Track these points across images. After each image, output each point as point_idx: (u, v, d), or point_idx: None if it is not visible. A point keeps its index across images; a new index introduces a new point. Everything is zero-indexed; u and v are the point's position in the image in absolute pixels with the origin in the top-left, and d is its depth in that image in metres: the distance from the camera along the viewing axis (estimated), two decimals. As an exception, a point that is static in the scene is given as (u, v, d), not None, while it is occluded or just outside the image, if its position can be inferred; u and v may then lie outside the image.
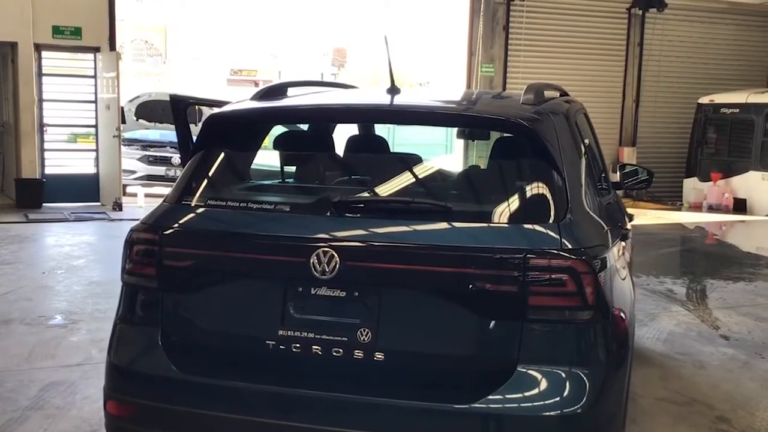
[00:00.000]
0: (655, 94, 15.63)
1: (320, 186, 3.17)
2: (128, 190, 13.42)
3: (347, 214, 2.70)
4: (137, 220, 2.97)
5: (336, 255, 2.53)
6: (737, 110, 14.51)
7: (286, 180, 3.45)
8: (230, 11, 29.35)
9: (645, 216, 12.57)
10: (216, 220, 2.79)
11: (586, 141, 3.51)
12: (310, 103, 3.25)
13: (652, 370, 5.19)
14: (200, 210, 2.83)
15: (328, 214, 2.70)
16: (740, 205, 14.32)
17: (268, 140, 3.45)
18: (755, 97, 14.28)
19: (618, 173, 4.72)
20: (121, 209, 11.99)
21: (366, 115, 3.17)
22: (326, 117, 3.26)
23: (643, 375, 4.90)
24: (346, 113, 3.17)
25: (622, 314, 2.73)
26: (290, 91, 3.35)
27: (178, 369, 2.64)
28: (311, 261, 2.54)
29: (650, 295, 7.32)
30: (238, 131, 3.10)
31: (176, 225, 2.79)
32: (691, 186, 15.15)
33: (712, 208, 14.48)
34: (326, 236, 2.58)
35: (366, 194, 2.91)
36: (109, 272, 7.71)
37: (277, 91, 3.27)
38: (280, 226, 2.69)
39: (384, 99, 3.02)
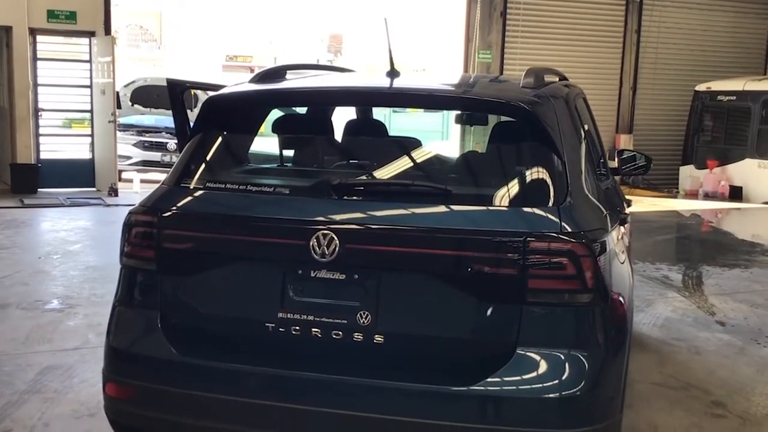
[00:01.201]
0: (653, 82, 15.61)
1: (319, 169, 3.16)
2: (124, 176, 13.37)
3: (347, 197, 2.70)
4: (133, 205, 2.96)
5: (336, 238, 2.52)
6: (734, 98, 14.52)
7: (285, 164, 3.44)
8: (226, -3, 29.19)
9: (641, 203, 12.58)
10: (215, 202, 2.78)
11: (586, 126, 3.51)
12: (309, 86, 3.23)
13: (648, 356, 5.21)
14: (199, 192, 2.82)
15: (328, 197, 2.69)
16: (736, 193, 14.35)
17: (266, 127, 3.44)
18: (752, 85, 14.28)
19: (616, 159, 4.73)
20: (116, 195, 11.96)
21: (366, 98, 3.16)
22: (326, 99, 3.25)
23: (639, 360, 4.91)
24: (345, 96, 3.16)
25: (621, 298, 2.73)
26: (288, 74, 3.33)
27: (178, 351, 2.64)
28: (311, 244, 2.53)
29: (646, 282, 7.34)
30: (236, 114, 3.09)
31: (175, 207, 2.78)
32: (688, 173, 15.18)
33: (708, 196, 14.50)
34: (326, 219, 2.57)
35: (365, 177, 2.90)
36: (106, 257, 7.71)
37: (276, 74, 3.25)
38: (279, 209, 2.69)
39: (384, 82, 3.00)
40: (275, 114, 3.50)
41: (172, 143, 14.56)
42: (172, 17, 30.11)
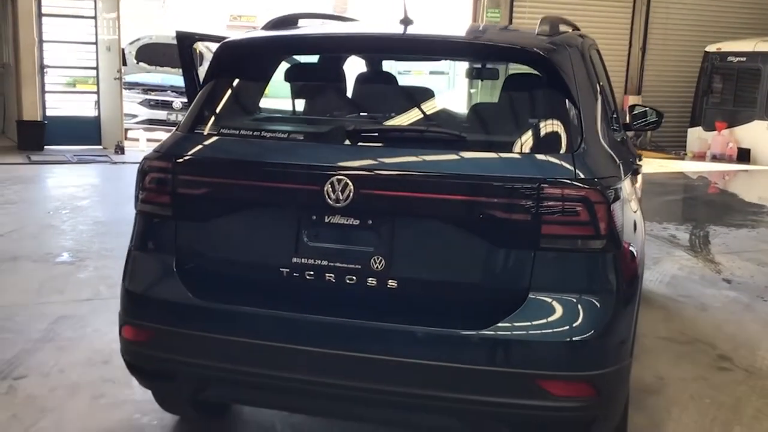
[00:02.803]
0: (663, 42, 15.44)
1: (332, 118, 3.15)
2: (130, 134, 13.36)
3: (361, 143, 2.70)
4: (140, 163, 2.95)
5: (350, 183, 2.53)
6: (744, 59, 14.37)
7: (298, 113, 3.43)
8: (231, -46, 28.80)
9: (649, 165, 12.52)
10: (229, 148, 2.79)
11: (599, 77, 3.49)
12: (323, 32, 3.21)
13: (654, 312, 5.25)
14: (213, 138, 2.82)
15: (342, 142, 2.69)
16: (744, 155, 14.29)
17: (276, 87, 3.42)
18: (763, 45, 14.12)
19: (627, 116, 4.70)
20: (123, 152, 11.96)
21: (380, 44, 3.14)
22: (339, 46, 3.23)
23: (645, 316, 4.94)
24: (359, 42, 3.14)
25: (632, 245, 2.75)
26: (301, 22, 3.31)
27: (193, 295, 2.67)
28: (325, 189, 2.54)
29: (654, 241, 7.35)
30: (250, 60, 3.07)
31: (189, 153, 2.78)
32: (696, 135, 15.10)
33: (716, 158, 14.45)
34: (340, 164, 2.57)
35: (379, 124, 2.90)
36: (114, 212, 7.76)
37: (289, 21, 3.23)
38: (294, 155, 2.69)
39: (398, 29, 2.98)
40: (284, 68, 3.48)
41: (177, 102, 14.52)
42: (177, -25, 29.72)
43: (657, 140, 15.23)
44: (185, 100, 4.34)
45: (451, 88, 16.36)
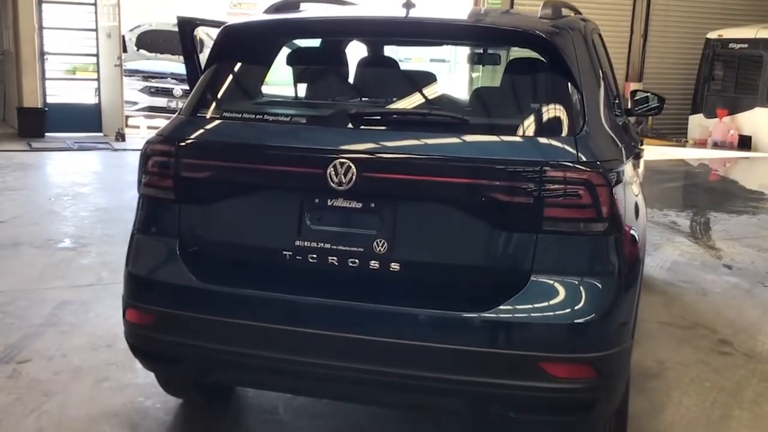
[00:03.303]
0: (664, 29, 15.39)
1: (335, 102, 3.15)
2: (130, 122, 13.34)
3: (364, 126, 2.70)
4: (142, 147, 2.95)
5: (353, 166, 2.53)
6: (746, 45, 14.34)
7: (300, 97, 3.43)
8: (230, -60, 28.62)
9: (650, 152, 12.53)
10: (232, 132, 2.79)
11: (601, 61, 3.49)
12: (324, 16, 3.21)
13: (655, 297, 5.27)
14: (216, 122, 2.83)
15: (345, 126, 2.69)
16: (745, 142, 14.28)
17: (277, 73, 3.41)
18: (764, 32, 14.09)
19: (629, 101, 4.70)
20: (123, 140, 11.96)
21: (382, 28, 3.13)
22: (342, 30, 3.22)
23: (646, 301, 4.94)
24: (361, 26, 3.14)
25: (634, 228, 2.75)
26: (303, 6, 3.30)
27: (197, 278, 2.67)
28: (328, 172, 2.54)
29: (654, 227, 7.36)
30: (252, 44, 3.07)
31: (192, 137, 2.79)
32: (697, 122, 15.08)
33: (717, 145, 14.43)
34: (343, 148, 2.58)
35: (382, 107, 2.90)
36: (116, 199, 7.76)
37: (291, 5, 3.23)
38: (296, 138, 2.69)
39: (400, 13, 2.98)
40: (286, 53, 3.47)
41: (178, 89, 14.49)
42: (176, -38, 29.60)
43: (658, 127, 15.22)
44: (186, 87, 4.35)
45: (452, 66, 16.32)
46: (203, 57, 3.21)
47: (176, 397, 3.43)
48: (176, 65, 14.82)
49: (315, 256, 2.61)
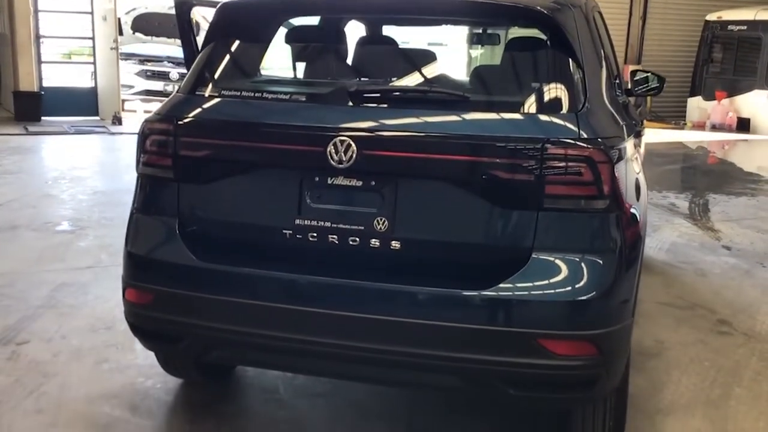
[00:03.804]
0: (663, 11, 15.33)
1: (335, 80, 3.13)
2: (126, 106, 13.29)
3: (364, 104, 2.68)
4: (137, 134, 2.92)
5: (353, 144, 2.51)
6: (745, 27, 14.29)
7: (299, 76, 3.41)
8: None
9: (648, 135, 12.52)
10: (231, 110, 2.77)
11: (602, 39, 3.46)
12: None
13: (654, 277, 5.27)
14: (215, 100, 2.80)
15: (345, 103, 2.67)
16: (744, 125, 14.27)
17: (275, 54, 3.38)
18: (763, 14, 14.04)
19: (629, 82, 4.67)
20: (120, 123, 11.92)
21: (381, 4, 3.10)
22: (340, 7, 3.18)
23: (645, 282, 4.94)
24: (360, 3, 3.11)
25: (635, 206, 2.74)
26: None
27: (196, 257, 2.66)
28: (328, 150, 2.52)
29: (653, 209, 7.36)
30: (250, 22, 3.04)
31: (191, 115, 2.76)
32: (696, 105, 15.07)
33: (715, 127, 14.43)
34: (343, 125, 2.56)
35: (382, 85, 2.87)
36: (114, 182, 7.75)
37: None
38: (296, 116, 2.67)
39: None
40: (284, 32, 3.44)
41: (174, 72, 14.44)
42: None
43: (657, 110, 15.19)
44: (182, 70, 4.30)
45: (451, 56, 16.22)
46: (199, 40, 3.18)
47: (176, 378, 3.43)
48: (172, 48, 14.75)
49: (315, 234, 2.60)
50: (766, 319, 4.58)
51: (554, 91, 2.65)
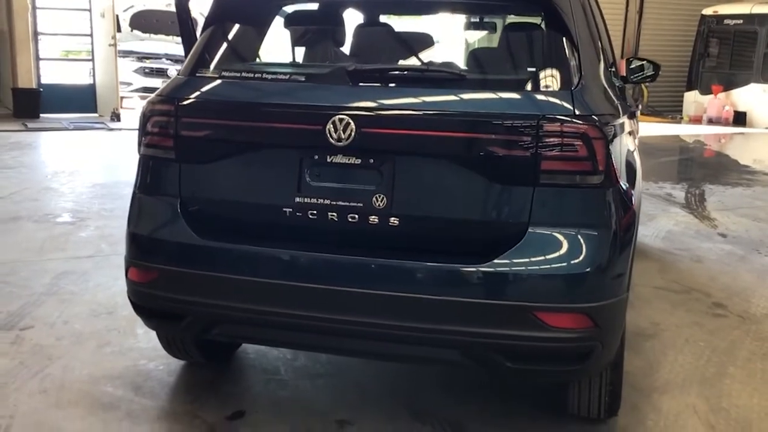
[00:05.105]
0: (660, 5, 15.38)
1: (333, 62, 3.17)
2: (125, 103, 13.32)
3: (362, 83, 2.72)
4: (137, 130, 2.95)
5: (351, 122, 2.55)
6: (741, 21, 14.34)
7: (298, 60, 3.45)
8: None
9: (645, 129, 12.58)
10: (231, 90, 2.81)
11: (597, 22, 3.50)
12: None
13: (650, 263, 5.32)
14: (215, 81, 2.84)
15: (344, 83, 2.71)
16: (740, 118, 14.33)
17: (274, 39, 3.42)
18: (760, 8, 14.10)
19: (625, 68, 4.72)
20: (119, 120, 11.95)
21: None
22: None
23: (641, 267, 5.01)
24: None
25: (629, 181, 2.79)
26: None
27: (198, 235, 2.70)
28: (327, 128, 2.57)
29: (650, 199, 7.41)
30: (249, 5, 3.08)
31: (192, 96, 2.80)
32: (692, 99, 15.11)
33: (712, 121, 14.48)
34: (342, 104, 2.60)
35: (380, 64, 2.92)
36: (113, 176, 7.78)
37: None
38: (296, 96, 2.71)
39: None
40: (284, 17, 3.49)
41: (172, 69, 14.46)
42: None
43: (653, 104, 15.24)
44: (180, 68, 4.36)
45: (449, 41, 16.26)
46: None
47: (178, 359, 3.47)
48: (170, 46, 14.79)
49: (315, 212, 2.64)
50: (761, 302, 4.63)
51: (549, 69, 2.69)
